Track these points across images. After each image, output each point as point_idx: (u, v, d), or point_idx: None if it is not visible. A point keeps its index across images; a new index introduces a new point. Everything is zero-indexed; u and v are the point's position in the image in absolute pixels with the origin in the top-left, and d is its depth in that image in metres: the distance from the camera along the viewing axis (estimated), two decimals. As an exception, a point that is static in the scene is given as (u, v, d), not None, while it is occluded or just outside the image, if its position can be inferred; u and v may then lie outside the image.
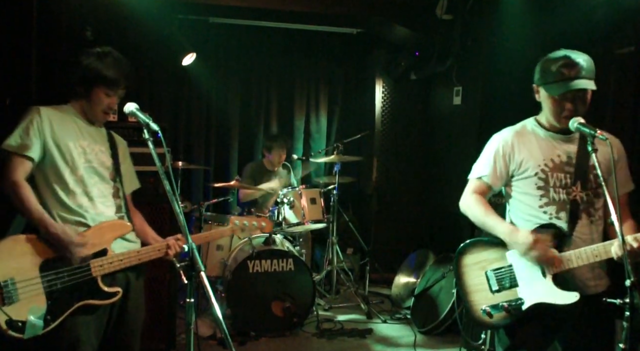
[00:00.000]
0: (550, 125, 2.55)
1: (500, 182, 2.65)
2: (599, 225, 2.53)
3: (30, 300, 2.31)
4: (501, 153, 2.61)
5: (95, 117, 2.64)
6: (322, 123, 7.21)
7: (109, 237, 2.54)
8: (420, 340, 4.73)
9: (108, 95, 2.58)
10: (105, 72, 2.54)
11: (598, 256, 2.34)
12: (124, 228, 2.63)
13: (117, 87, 2.59)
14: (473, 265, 2.69)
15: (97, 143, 2.67)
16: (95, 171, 2.60)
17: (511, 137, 2.62)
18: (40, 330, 2.31)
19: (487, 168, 2.65)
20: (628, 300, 2.02)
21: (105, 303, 2.51)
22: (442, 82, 6.36)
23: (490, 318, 2.53)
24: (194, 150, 6.64)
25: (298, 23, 6.40)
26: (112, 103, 2.62)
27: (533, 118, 2.65)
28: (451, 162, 6.22)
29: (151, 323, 3.91)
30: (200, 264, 2.15)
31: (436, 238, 6.41)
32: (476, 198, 2.68)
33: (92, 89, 2.56)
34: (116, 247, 2.57)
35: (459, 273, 2.72)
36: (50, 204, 2.48)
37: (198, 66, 6.14)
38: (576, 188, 2.48)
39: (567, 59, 2.39)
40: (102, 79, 2.54)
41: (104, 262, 2.49)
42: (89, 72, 2.54)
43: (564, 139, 2.54)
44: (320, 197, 5.47)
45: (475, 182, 2.72)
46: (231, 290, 4.60)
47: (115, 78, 2.56)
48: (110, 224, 2.58)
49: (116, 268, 2.52)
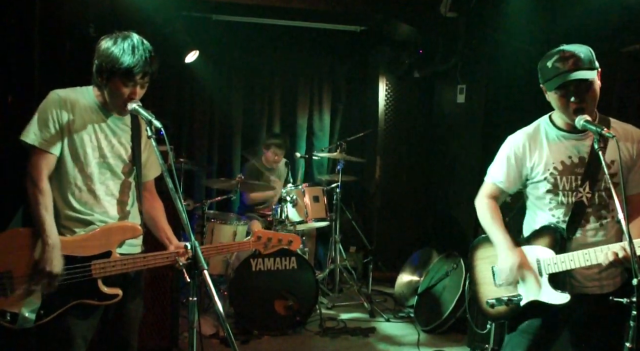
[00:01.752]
0: (564, 124, 2.51)
1: (514, 185, 2.67)
2: (614, 227, 2.46)
3: (25, 294, 2.30)
4: (513, 158, 2.62)
5: (116, 108, 2.48)
6: (326, 121, 7.19)
7: (116, 239, 2.48)
8: (424, 339, 4.71)
9: (126, 85, 2.38)
10: (120, 60, 2.34)
11: (589, 261, 2.32)
12: (134, 232, 2.55)
13: (134, 76, 2.38)
14: (484, 259, 2.78)
15: (116, 135, 2.54)
16: (108, 167, 2.51)
17: (523, 141, 2.60)
18: (31, 323, 2.30)
19: (500, 174, 2.68)
20: (635, 299, 2.00)
21: (102, 304, 2.47)
22: (446, 80, 6.33)
23: (493, 309, 2.63)
24: (197, 147, 6.63)
25: (301, 20, 6.38)
26: (133, 93, 2.41)
27: (548, 116, 2.61)
28: (455, 160, 6.19)
29: (154, 321, 3.90)
30: (203, 262, 2.12)
31: (439, 236, 6.39)
32: (488, 205, 2.73)
33: (109, 79, 2.39)
34: (120, 248, 2.52)
35: (471, 265, 2.86)
36: (56, 200, 2.43)
37: (201, 64, 6.14)
38: (584, 189, 2.45)
39: (561, 52, 2.36)
40: (117, 68, 2.34)
41: (106, 264, 2.42)
42: (105, 60, 2.37)
43: (577, 138, 2.49)
44: (324, 195, 5.46)
45: (490, 185, 2.76)
46: (234, 289, 4.59)
47: (130, 66, 2.34)
48: (119, 226, 2.51)
49: (118, 272, 2.45)
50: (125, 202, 2.59)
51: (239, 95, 6.80)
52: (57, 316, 2.36)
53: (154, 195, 2.79)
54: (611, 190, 2.37)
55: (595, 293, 2.45)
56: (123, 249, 2.54)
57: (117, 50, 2.36)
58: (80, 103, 2.46)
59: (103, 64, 2.38)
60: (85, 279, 2.40)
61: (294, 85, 7.06)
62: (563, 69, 2.33)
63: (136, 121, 2.60)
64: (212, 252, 2.76)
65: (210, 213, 5.24)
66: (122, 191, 2.57)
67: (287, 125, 7.01)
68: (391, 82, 6.76)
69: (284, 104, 7.05)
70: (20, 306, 2.29)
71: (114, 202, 2.54)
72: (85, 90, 2.52)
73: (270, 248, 2.86)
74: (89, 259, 2.41)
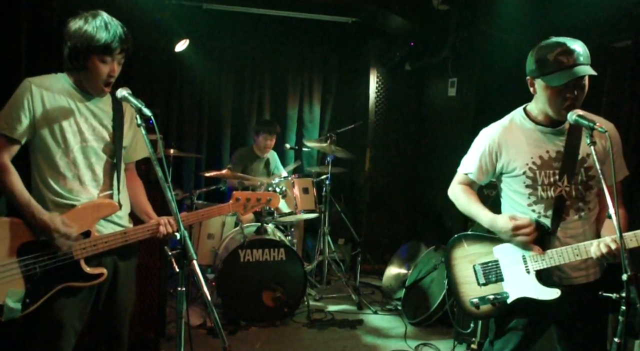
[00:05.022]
0: (543, 118, 2.48)
1: (485, 177, 2.67)
2: (590, 219, 2.48)
3: (7, 284, 2.26)
4: (487, 152, 2.60)
5: (95, 89, 2.45)
6: (316, 112, 7.17)
7: (92, 217, 2.45)
8: (411, 332, 4.73)
9: (105, 62, 2.37)
10: (96, 37, 2.31)
11: (579, 255, 2.33)
12: (110, 208, 2.51)
13: (112, 51, 2.36)
14: (462, 258, 2.73)
15: (97, 117, 2.51)
16: (92, 150, 2.48)
17: (498, 135, 2.58)
18: (18, 313, 2.27)
19: (472, 166, 2.68)
20: (624, 295, 2.00)
21: (88, 285, 2.44)
22: (437, 73, 6.33)
23: (478, 310, 2.61)
24: (186, 137, 6.59)
25: (293, 11, 6.34)
26: (112, 71, 2.40)
27: (522, 108, 2.58)
28: (445, 153, 6.20)
29: (141, 311, 3.88)
30: (193, 252, 2.11)
31: (428, 229, 6.40)
32: (462, 188, 2.74)
33: (87, 59, 2.35)
34: (105, 228, 2.51)
35: (450, 265, 2.78)
36: (42, 188, 2.40)
37: (191, 53, 6.08)
38: (562, 182, 2.44)
39: (563, 46, 2.31)
40: (95, 45, 2.32)
41: (86, 244, 2.40)
42: (79, 40, 2.33)
43: (553, 132, 2.47)
44: (313, 186, 5.45)
45: (462, 176, 2.77)
46: (222, 279, 4.58)
47: (108, 41, 2.32)
48: (94, 204, 2.47)
49: (100, 250, 2.43)
50: (110, 184, 2.56)
51: (228, 85, 6.75)
52: (44, 304, 2.34)
53: (134, 174, 2.81)
54: (588, 183, 2.43)
55: (582, 283, 2.46)
56: (108, 229, 2.52)
57: (90, 28, 2.33)
58: (55, 89, 2.42)
59: (78, 45, 2.34)
60: (67, 262, 2.37)
61: (285, 76, 7.02)
62: (567, 64, 2.29)
63: (117, 102, 2.56)
64: (193, 219, 2.75)
65: (199, 203, 5.21)
66: (107, 174, 2.55)
67: (277, 115, 6.96)
68: (382, 74, 6.74)
69: (274, 95, 7.01)
70: (3, 297, 2.25)
71: (100, 186, 2.52)
72: (60, 75, 2.49)
73: (250, 208, 2.91)
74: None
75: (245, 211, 2.91)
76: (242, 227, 4.88)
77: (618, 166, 2.47)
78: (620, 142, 2.50)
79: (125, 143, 2.62)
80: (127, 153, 2.69)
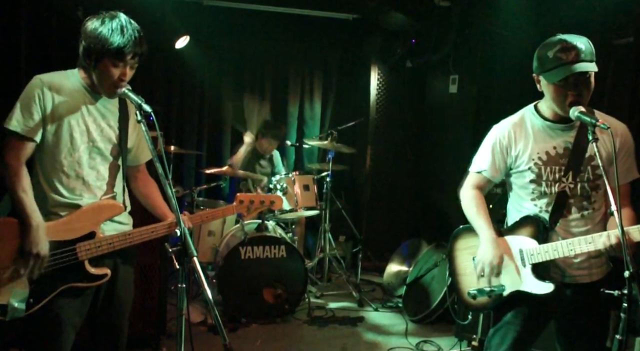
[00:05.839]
0: (552, 114, 2.48)
1: (499, 174, 2.65)
2: (595, 218, 2.46)
3: (12, 285, 2.26)
4: (498, 147, 2.60)
5: (104, 90, 2.41)
6: (316, 109, 7.16)
7: (97, 219, 2.45)
8: (412, 329, 4.72)
9: (116, 65, 2.34)
10: (110, 40, 2.29)
11: (573, 250, 2.32)
12: (115, 210, 2.52)
13: (125, 56, 2.33)
14: (464, 250, 2.76)
15: (105, 118, 2.49)
16: (98, 151, 2.47)
17: (509, 130, 2.58)
18: (22, 313, 2.27)
19: (485, 163, 2.66)
20: (626, 292, 1.99)
21: (92, 285, 2.45)
22: (438, 70, 6.31)
23: (474, 300, 2.62)
24: (187, 134, 6.58)
25: (294, 7, 6.33)
26: (122, 74, 2.37)
27: (533, 105, 2.59)
28: (446, 150, 6.19)
29: (142, 308, 3.87)
30: (193, 249, 2.11)
31: (429, 227, 6.39)
32: (474, 195, 2.71)
33: (99, 60, 2.33)
34: (108, 229, 2.50)
35: (452, 256, 2.82)
36: (44, 185, 2.39)
37: (191, 49, 6.07)
38: (566, 179, 2.44)
39: (563, 43, 2.30)
40: (108, 48, 2.29)
41: (91, 245, 2.40)
42: (93, 41, 2.30)
43: (563, 129, 2.47)
44: (314, 183, 5.45)
45: (475, 175, 2.74)
46: (222, 276, 4.57)
47: (121, 46, 2.30)
48: (99, 205, 2.47)
49: (104, 251, 2.43)
50: (115, 185, 2.56)
51: (229, 82, 6.74)
52: (46, 303, 2.33)
53: (146, 175, 2.78)
54: (595, 182, 2.41)
55: (585, 282, 2.45)
56: (112, 229, 2.51)
57: (106, 30, 2.31)
58: (66, 87, 2.40)
59: (92, 45, 2.32)
60: (72, 263, 2.37)
61: (285, 72, 7.01)
62: (566, 60, 2.28)
63: (124, 104, 2.56)
64: (197, 220, 2.73)
65: (200, 200, 5.21)
66: (112, 175, 2.54)
67: (278, 112, 6.97)
68: (383, 71, 6.73)
69: (274, 91, 7.00)
70: (8, 297, 2.24)
71: (104, 187, 2.51)
72: (71, 73, 2.46)
73: (254, 210, 2.91)
74: (73, 242, 2.38)
75: (249, 213, 2.91)
76: (243, 224, 4.87)
77: (628, 167, 2.46)
78: (633, 144, 2.47)
79: (130, 144, 2.61)
80: (134, 155, 2.68)
